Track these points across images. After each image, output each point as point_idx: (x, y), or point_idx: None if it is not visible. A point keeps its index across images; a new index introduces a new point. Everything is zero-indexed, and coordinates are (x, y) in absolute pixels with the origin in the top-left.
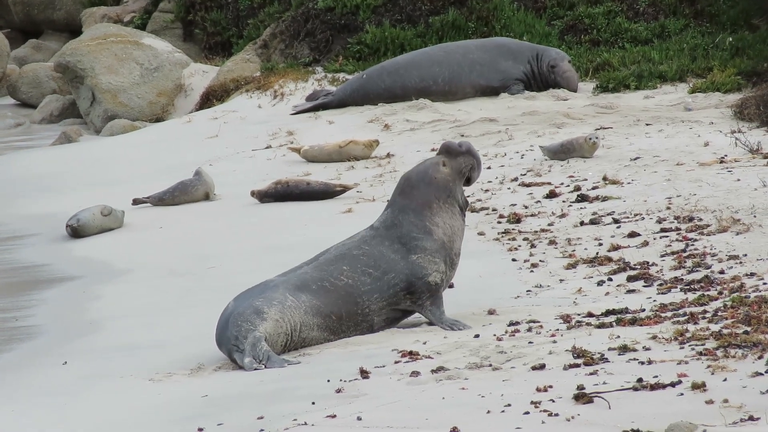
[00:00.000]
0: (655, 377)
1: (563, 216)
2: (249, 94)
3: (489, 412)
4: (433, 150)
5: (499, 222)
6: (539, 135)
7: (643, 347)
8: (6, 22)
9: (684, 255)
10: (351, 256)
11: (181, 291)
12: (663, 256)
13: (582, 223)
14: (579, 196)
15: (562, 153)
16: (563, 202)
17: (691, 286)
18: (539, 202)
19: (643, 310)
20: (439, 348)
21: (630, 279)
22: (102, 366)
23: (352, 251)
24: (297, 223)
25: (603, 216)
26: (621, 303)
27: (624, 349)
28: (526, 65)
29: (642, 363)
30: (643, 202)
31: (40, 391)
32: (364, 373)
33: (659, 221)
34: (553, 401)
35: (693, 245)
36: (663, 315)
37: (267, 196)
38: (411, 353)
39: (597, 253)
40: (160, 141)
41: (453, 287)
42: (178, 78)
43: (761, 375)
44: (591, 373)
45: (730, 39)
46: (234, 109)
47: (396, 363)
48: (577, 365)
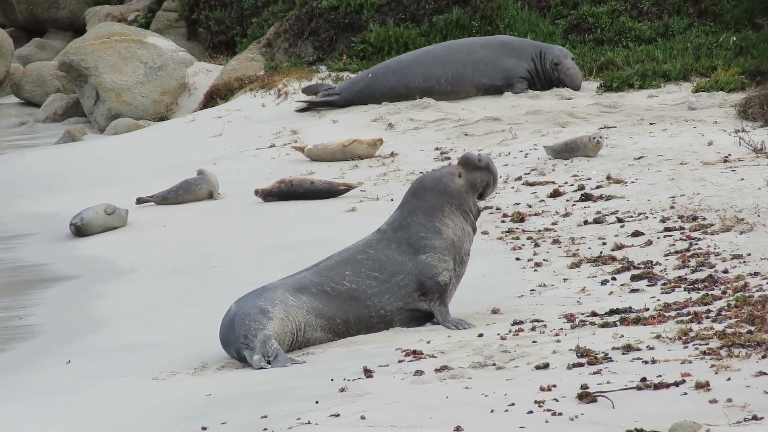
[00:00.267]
0: (659, 377)
1: (567, 215)
2: (253, 93)
3: (493, 411)
4: (437, 149)
5: (503, 221)
6: (543, 134)
7: (647, 346)
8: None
9: (688, 254)
10: (355, 260)
11: (185, 290)
12: (667, 255)
13: (586, 223)
14: (583, 195)
15: (566, 152)
16: (567, 201)
17: (695, 285)
18: (543, 201)
19: (647, 309)
20: (443, 347)
21: (634, 278)
22: (104, 365)
23: (356, 256)
24: (301, 222)
25: (607, 215)
26: (625, 302)
27: (628, 349)
28: (529, 63)
29: (646, 362)
30: (647, 201)
31: (41, 391)
32: (367, 372)
33: (663, 220)
34: (557, 400)
35: (697, 244)
36: (667, 314)
37: (271, 195)
38: (415, 352)
39: (601, 253)
40: (163, 140)
41: None
42: (182, 77)
43: (765, 374)
44: (595, 373)
45: (734, 38)
46: (238, 108)
47: (400, 362)
48: (581, 365)
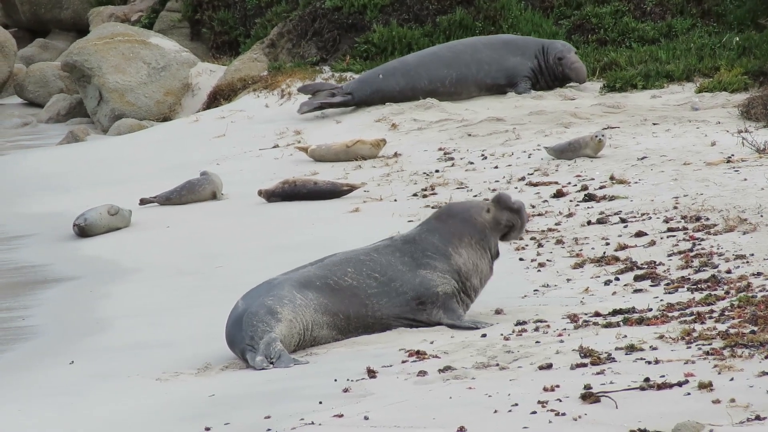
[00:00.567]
0: (662, 377)
1: (570, 215)
2: (256, 93)
3: (496, 411)
4: (440, 149)
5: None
6: (546, 134)
7: (650, 347)
8: (13, 21)
9: (691, 254)
10: (357, 260)
11: (189, 290)
12: (670, 255)
13: (589, 223)
14: (586, 195)
15: (569, 152)
16: (570, 201)
17: (698, 285)
18: (546, 201)
19: (650, 309)
20: (446, 347)
21: (637, 278)
22: (108, 365)
23: (359, 256)
24: (304, 223)
25: (610, 215)
26: (628, 302)
27: (631, 349)
28: (533, 60)
29: (649, 362)
30: (650, 201)
31: (44, 391)
32: (371, 373)
33: (666, 221)
34: (560, 401)
35: (700, 245)
36: (670, 314)
37: (274, 195)
38: (418, 353)
39: (604, 253)
40: (167, 140)
41: None
42: (185, 77)
43: None
44: (598, 373)
45: (737, 39)
46: (241, 109)
47: (403, 362)
48: (584, 365)
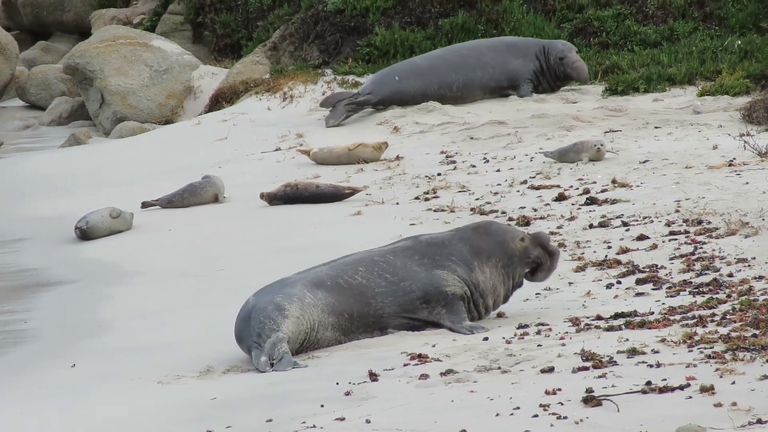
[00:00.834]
0: (664, 380)
1: (572, 219)
2: (258, 96)
3: (498, 415)
4: (443, 153)
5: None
6: (548, 138)
7: (652, 350)
8: (15, 23)
9: (693, 258)
10: (371, 260)
11: (190, 293)
12: (672, 259)
13: (591, 226)
14: (588, 198)
15: (572, 153)
16: (572, 204)
17: (700, 289)
18: (548, 204)
19: (652, 313)
20: (448, 351)
21: (639, 282)
22: (110, 368)
23: (373, 257)
24: (306, 226)
25: (612, 219)
26: (630, 306)
27: (633, 352)
28: (534, 61)
29: (651, 366)
30: (652, 205)
31: (48, 393)
32: (372, 376)
33: (668, 224)
34: (562, 404)
35: (702, 248)
36: (672, 318)
37: (276, 198)
38: (420, 356)
39: (606, 256)
40: (169, 143)
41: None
42: (187, 80)
43: None
44: (600, 376)
45: (738, 42)
46: (243, 112)
47: (405, 366)
48: (586, 368)
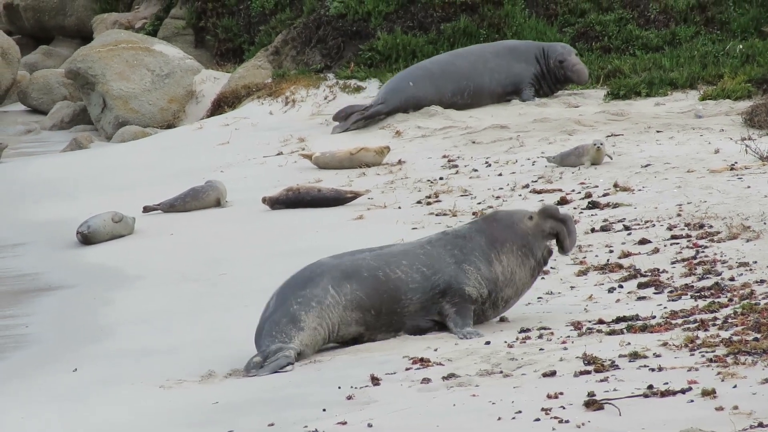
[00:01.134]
0: (666, 384)
1: (574, 223)
2: (260, 100)
3: (500, 418)
4: (444, 157)
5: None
6: (550, 142)
7: (654, 354)
8: (17, 28)
9: (694, 262)
10: (414, 253)
11: (192, 297)
12: (673, 263)
13: (593, 230)
14: (590, 203)
15: (574, 156)
16: (574, 208)
17: (702, 293)
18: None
19: (654, 317)
20: (450, 355)
21: (640, 286)
22: (111, 372)
23: (415, 249)
24: (308, 230)
25: (614, 223)
26: (632, 310)
27: (634, 356)
28: (535, 65)
29: (652, 370)
30: (654, 209)
31: (49, 397)
32: (375, 380)
33: (670, 228)
34: (564, 408)
35: (703, 252)
36: (673, 322)
37: (278, 202)
38: (422, 360)
39: (608, 260)
40: (171, 147)
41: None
42: (189, 84)
43: None
44: (601, 380)
45: (740, 46)
46: (245, 116)
47: (407, 370)
48: (588, 372)
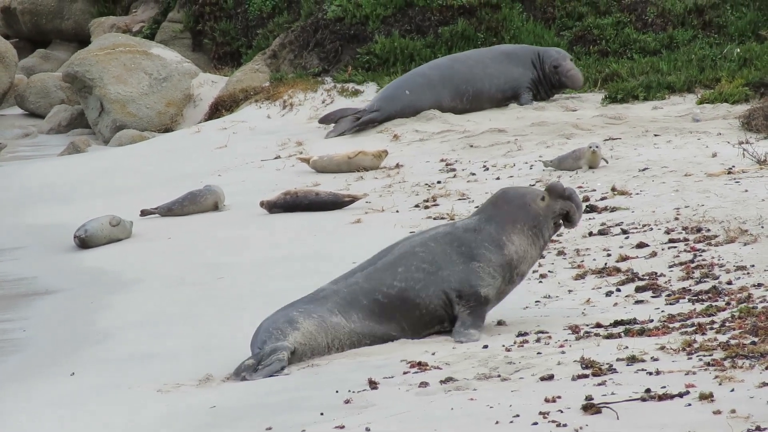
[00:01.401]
0: (663, 388)
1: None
2: (258, 104)
3: (498, 422)
4: (442, 160)
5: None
6: (548, 146)
7: (651, 358)
8: (14, 31)
9: (692, 265)
10: (411, 254)
11: (190, 301)
12: (671, 266)
13: (590, 234)
14: (587, 206)
15: (571, 160)
16: None
17: (699, 296)
18: None
19: (651, 320)
20: (448, 359)
21: (638, 289)
22: (109, 376)
23: (414, 248)
24: (306, 234)
25: (611, 226)
26: (629, 314)
27: (632, 360)
28: (532, 70)
29: (650, 373)
30: (652, 212)
31: (47, 401)
32: (372, 384)
33: (667, 232)
34: (562, 412)
35: (701, 256)
36: (671, 326)
37: (276, 206)
38: (420, 364)
39: (605, 264)
40: (168, 151)
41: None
42: (186, 88)
43: None
44: (599, 384)
45: (737, 50)
46: (243, 120)
47: (405, 374)
48: (586, 376)
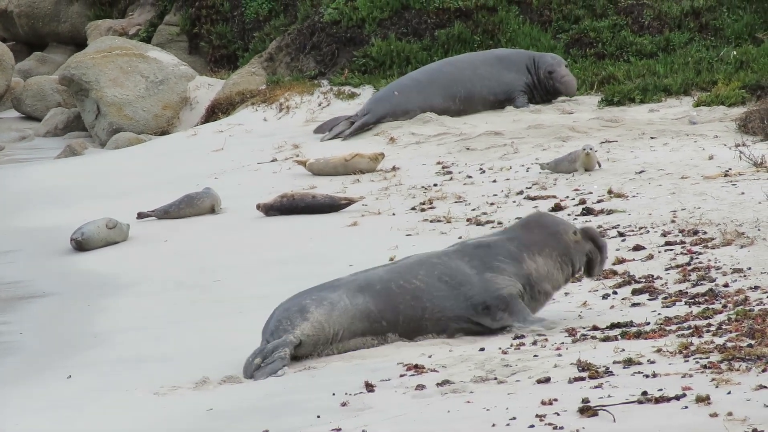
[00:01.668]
0: (660, 390)
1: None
2: (254, 107)
3: (494, 425)
4: (439, 163)
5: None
6: (544, 148)
7: (648, 360)
8: (11, 34)
9: (688, 268)
10: (429, 263)
11: (187, 304)
12: (668, 269)
13: None
14: (584, 209)
15: (567, 162)
16: (568, 215)
17: (696, 299)
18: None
19: (648, 323)
20: (445, 361)
21: (635, 292)
22: (105, 379)
23: (431, 259)
24: (302, 237)
25: (608, 229)
26: (626, 316)
27: (629, 363)
28: (526, 75)
29: (647, 376)
30: (648, 215)
31: (43, 404)
32: (369, 387)
33: (664, 234)
34: (558, 414)
35: (697, 258)
36: (667, 328)
37: (272, 209)
38: (416, 366)
39: None
40: (165, 154)
41: None
42: (183, 91)
43: (765, 388)
44: (596, 386)
45: (734, 53)
46: (239, 122)
47: (401, 376)
48: (582, 378)
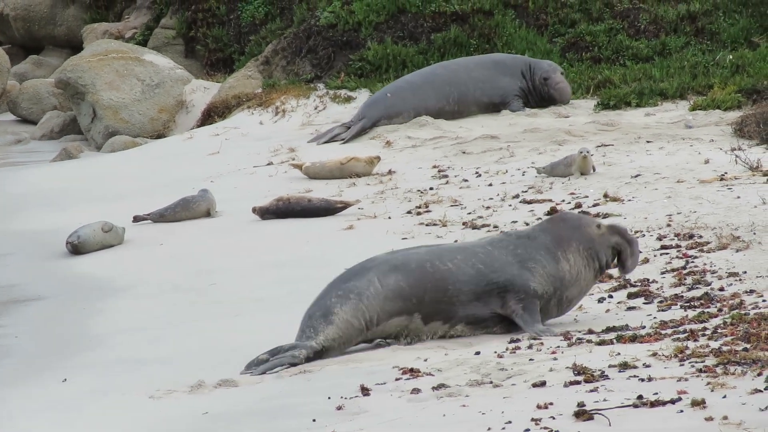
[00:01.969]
0: (655, 394)
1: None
2: (251, 110)
3: (489, 429)
4: (435, 167)
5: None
6: (540, 152)
7: (644, 364)
8: (6, 37)
9: (684, 272)
10: (471, 251)
11: (182, 307)
12: (663, 273)
13: None
14: (580, 213)
15: (563, 166)
16: None
17: (691, 303)
18: (540, 219)
19: (644, 327)
20: (440, 365)
21: (630, 296)
22: (102, 382)
23: (475, 248)
24: (298, 240)
25: None
26: (621, 320)
27: (624, 366)
28: (521, 80)
29: (642, 380)
30: (644, 219)
31: (39, 407)
32: (364, 390)
33: (660, 238)
34: (554, 418)
35: (693, 262)
36: (663, 332)
37: (268, 212)
38: (412, 370)
39: None
40: (161, 157)
41: None
42: (179, 94)
43: (760, 392)
44: (591, 390)
45: (730, 57)
46: (235, 126)
47: (397, 380)
48: (578, 382)
